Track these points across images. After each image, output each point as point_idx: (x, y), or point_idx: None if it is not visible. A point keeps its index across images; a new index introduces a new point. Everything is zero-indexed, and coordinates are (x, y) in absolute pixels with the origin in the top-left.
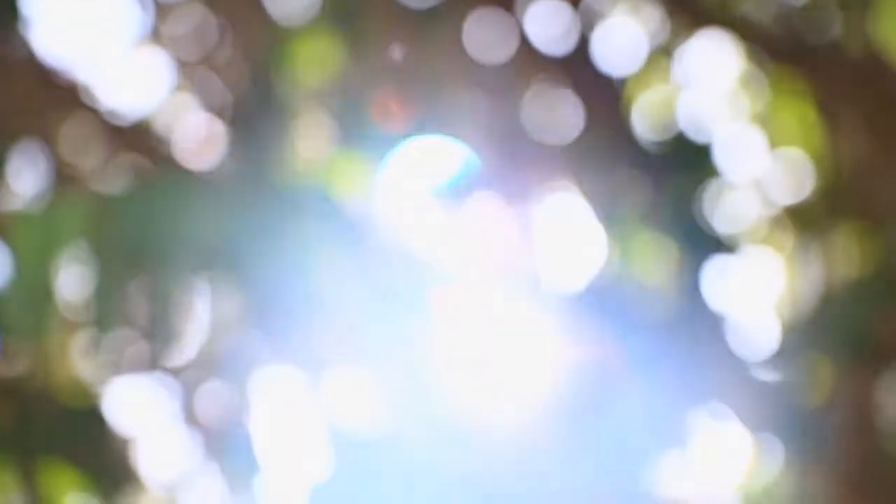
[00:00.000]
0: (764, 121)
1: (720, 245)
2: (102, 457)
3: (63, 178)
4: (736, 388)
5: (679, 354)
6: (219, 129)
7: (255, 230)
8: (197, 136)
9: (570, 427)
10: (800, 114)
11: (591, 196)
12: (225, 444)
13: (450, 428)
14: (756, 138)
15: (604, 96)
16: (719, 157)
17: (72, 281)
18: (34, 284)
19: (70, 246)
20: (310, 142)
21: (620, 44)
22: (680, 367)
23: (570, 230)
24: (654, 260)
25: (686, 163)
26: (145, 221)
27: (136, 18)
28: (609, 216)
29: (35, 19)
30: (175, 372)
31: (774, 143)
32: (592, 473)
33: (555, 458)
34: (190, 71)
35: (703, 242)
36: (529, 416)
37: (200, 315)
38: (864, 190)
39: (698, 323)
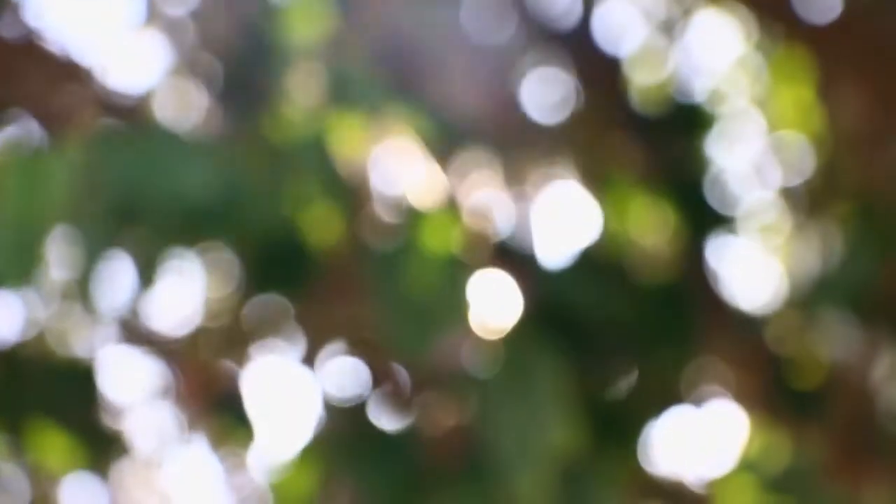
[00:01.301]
0: (763, 103)
1: (719, 214)
2: (93, 420)
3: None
4: (734, 353)
5: (677, 320)
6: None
7: (246, 187)
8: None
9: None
10: (799, 96)
11: (588, 163)
12: (217, 410)
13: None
14: (755, 120)
15: (603, 72)
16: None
17: (59, 237)
18: (21, 231)
19: (57, 195)
20: (303, 97)
21: (621, 21)
22: (678, 333)
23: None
24: (652, 225)
25: (684, 129)
26: (133, 176)
27: None
28: (606, 183)
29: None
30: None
31: (773, 125)
32: (587, 441)
33: (544, 424)
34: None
35: (701, 208)
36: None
37: (191, 276)
38: (866, 163)
39: (697, 288)
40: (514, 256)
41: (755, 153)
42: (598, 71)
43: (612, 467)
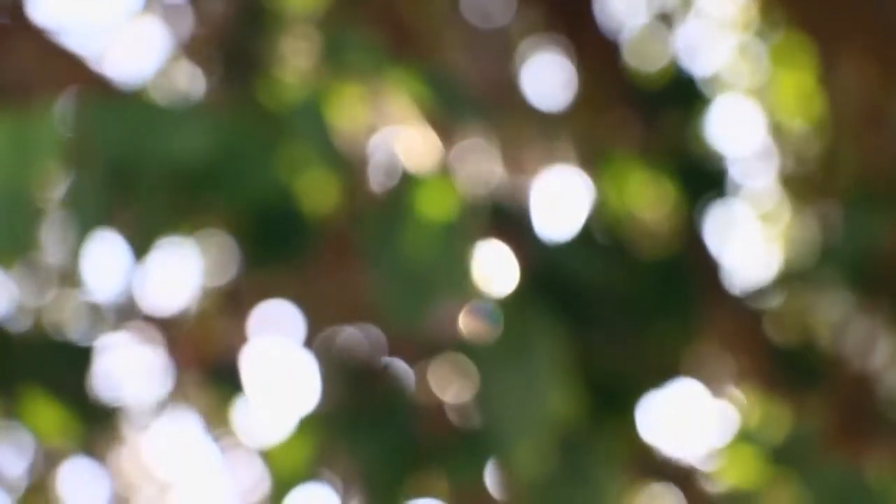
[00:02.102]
0: (762, 90)
1: (717, 184)
2: (87, 393)
3: None
4: (733, 327)
5: (676, 293)
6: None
7: (240, 151)
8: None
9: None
10: (800, 82)
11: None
12: (213, 381)
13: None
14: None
15: (603, 51)
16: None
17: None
18: (10, 198)
19: (47, 160)
20: (299, 62)
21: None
22: (676, 306)
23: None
24: (651, 200)
25: (682, 103)
26: (125, 140)
27: None
28: (605, 158)
29: None
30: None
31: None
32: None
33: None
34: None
35: (700, 183)
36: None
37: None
38: (867, 141)
39: (696, 262)
40: (511, 224)
41: (755, 139)
42: (598, 50)
43: (610, 438)
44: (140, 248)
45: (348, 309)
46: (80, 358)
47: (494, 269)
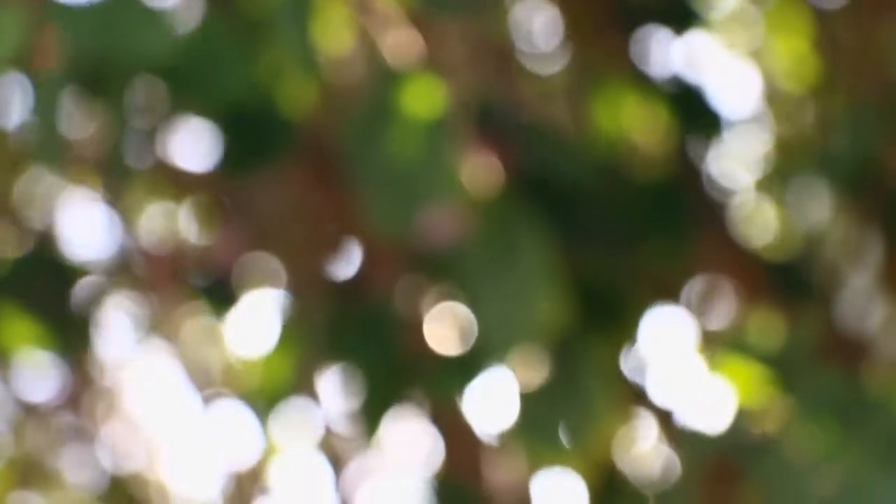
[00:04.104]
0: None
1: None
2: (63, 306)
3: None
4: (725, 245)
5: (669, 211)
6: None
7: (216, 52)
8: None
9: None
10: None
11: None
12: (192, 292)
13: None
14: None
15: None
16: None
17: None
18: None
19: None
20: None
21: None
22: (669, 223)
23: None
24: (645, 124)
25: (676, 25)
26: (94, 38)
27: None
28: (598, 81)
29: None
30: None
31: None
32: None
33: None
34: None
35: (694, 107)
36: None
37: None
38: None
39: (689, 184)
40: (498, 125)
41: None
42: None
43: (602, 349)
44: (112, 148)
45: (333, 221)
46: (55, 265)
47: (481, 171)
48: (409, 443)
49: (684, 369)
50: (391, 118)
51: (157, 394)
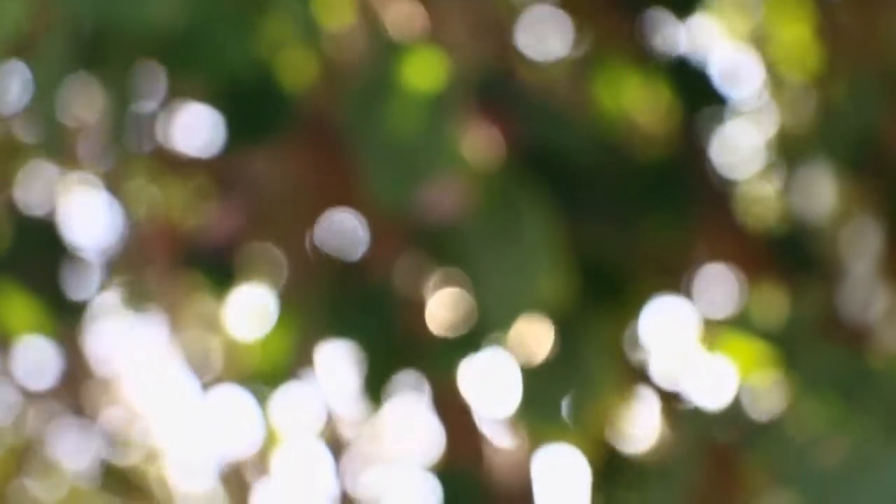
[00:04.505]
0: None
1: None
2: (60, 286)
3: None
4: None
5: (671, 190)
6: None
7: (220, 23)
8: None
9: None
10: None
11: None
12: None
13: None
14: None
15: None
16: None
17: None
18: None
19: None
20: None
21: None
22: (671, 202)
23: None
24: (647, 104)
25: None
26: (96, 4)
27: None
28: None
29: None
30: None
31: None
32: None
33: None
34: None
35: (696, 86)
36: None
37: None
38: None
39: (692, 163)
40: (500, 98)
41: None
42: None
43: (604, 326)
44: (114, 119)
45: (333, 197)
46: (51, 240)
47: (482, 145)
48: (410, 428)
49: (686, 347)
50: (392, 91)
51: (156, 379)
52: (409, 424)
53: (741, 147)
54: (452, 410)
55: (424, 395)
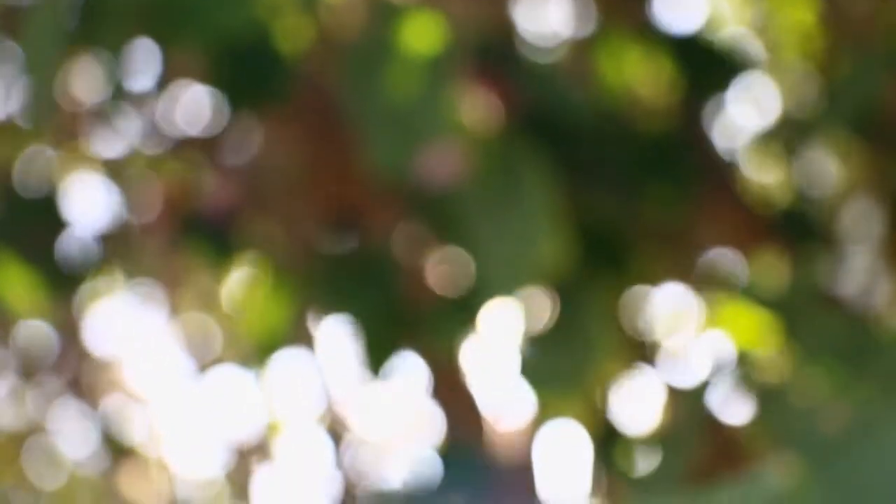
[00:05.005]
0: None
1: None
2: (57, 253)
3: None
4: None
5: (673, 161)
6: None
7: None
8: None
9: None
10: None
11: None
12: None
13: None
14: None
15: None
16: None
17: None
18: None
19: None
20: None
21: None
22: (673, 173)
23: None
24: (649, 78)
25: None
26: None
27: None
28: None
29: None
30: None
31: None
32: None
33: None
34: None
35: (699, 60)
36: None
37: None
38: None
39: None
40: (498, 62)
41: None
42: None
43: (604, 292)
44: (110, 81)
45: (331, 166)
46: (50, 211)
47: (481, 109)
48: (410, 406)
49: (686, 317)
50: (390, 56)
51: (156, 362)
52: (409, 403)
53: (743, 121)
54: (451, 387)
55: (423, 373)
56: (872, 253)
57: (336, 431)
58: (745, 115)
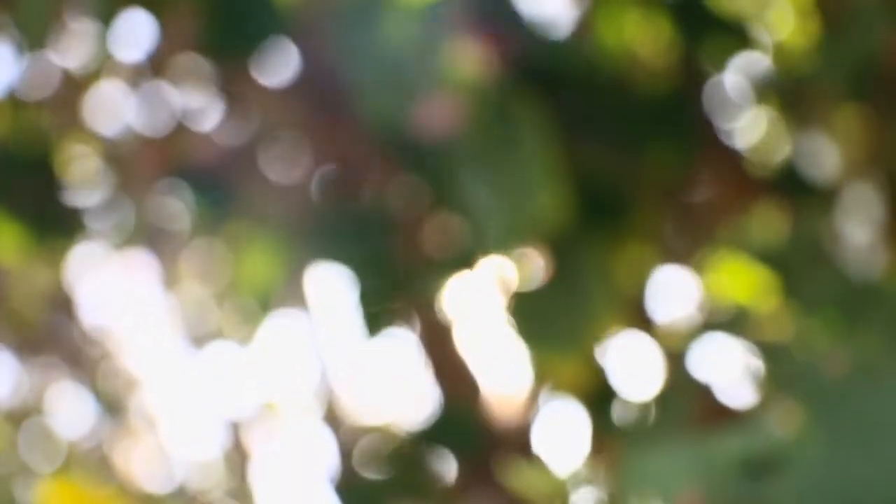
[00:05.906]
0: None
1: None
2: (49, 207)
3: None
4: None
5: (672, 120)
6: None
7: None
8: None
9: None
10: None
11: None
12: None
13: None
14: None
15: None
16: None
17: None
18: None
19: None
20: None
21: None
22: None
23: None
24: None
25: None
26: None
27: None
28: None
29: None
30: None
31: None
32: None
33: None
34: None
35: (699, 19)
36: None
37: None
38: None
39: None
40: (494, 11)
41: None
42: None
43: (603, 249)
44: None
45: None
46: (41, 166)
47: (476, 60)
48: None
49: (683, 276)
50: (383, 5)
51: (152, 337)
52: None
53: (742, 80)
54: (444, 348)
55: (416, 336)
56: (870, 210)
57: (332, 406)
58: (743, 72)
